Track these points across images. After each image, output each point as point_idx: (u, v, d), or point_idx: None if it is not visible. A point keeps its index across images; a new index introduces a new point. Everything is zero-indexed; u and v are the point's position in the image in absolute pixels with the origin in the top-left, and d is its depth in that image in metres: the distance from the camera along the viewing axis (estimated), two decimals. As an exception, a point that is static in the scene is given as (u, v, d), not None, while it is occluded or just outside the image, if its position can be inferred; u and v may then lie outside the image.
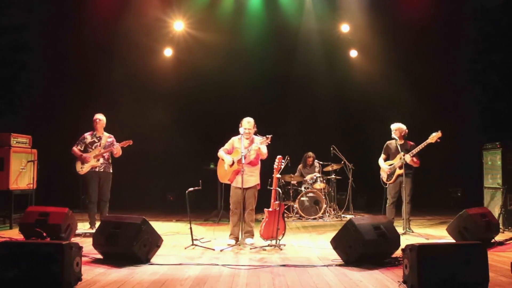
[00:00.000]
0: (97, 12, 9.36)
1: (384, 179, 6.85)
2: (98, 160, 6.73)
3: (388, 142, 6.94)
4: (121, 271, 4.27)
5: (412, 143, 6.67)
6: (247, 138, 5.80)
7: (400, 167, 6.52)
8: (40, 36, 9.24)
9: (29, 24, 9.02)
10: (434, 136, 6.29)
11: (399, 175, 6.60)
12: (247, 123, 5.82)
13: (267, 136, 5.58)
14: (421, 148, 6.40)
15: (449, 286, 3.50)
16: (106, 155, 6.79)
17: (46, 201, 6.53)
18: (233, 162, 5.74)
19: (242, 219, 5.72)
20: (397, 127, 6.75)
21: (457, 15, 9.52)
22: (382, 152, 6.96)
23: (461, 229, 5.47)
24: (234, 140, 5.96)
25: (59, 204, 5.71)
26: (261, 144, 5.60)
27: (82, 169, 6.69)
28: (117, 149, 6.76)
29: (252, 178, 5.79)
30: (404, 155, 6.44)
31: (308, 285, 3.84)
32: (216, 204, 8.56)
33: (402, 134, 6.73)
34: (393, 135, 6.74)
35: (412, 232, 6.53)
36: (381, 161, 6.92)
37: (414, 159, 6.46)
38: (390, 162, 6.82)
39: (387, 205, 6.79)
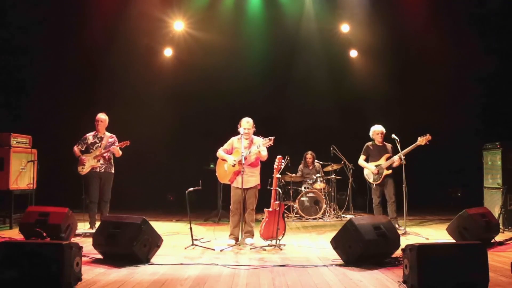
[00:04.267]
0: (97, 12, 9.35)
1: (371, 180, 6.94)
2: (98, 160, 6.71)
3: (368, 143, 7.10)
4: (121, 271, 4.27)
5: (390, 145, 6.89)
6: (246, 139, 5.80)
7: (388, 168, 6.66)
8: (41, 35, 9.23)
9: (29, 23, 9.02)
10: (423, 139, 6.49)
11: (386, 176, 6.76)
12: (246, 123, 5.81)
13: (270, 138, 5.56)
14: (410, 150, 6.57)
15: (449, 286, 3.50)
16: (106, 155, 6.78)
17: (46, 201, 6.53)
18: (235, 163, 5.73)
19: (243, 219, 5.72)
20: (379, 130, 6.92)
21: (458, 15, 9.52)
22: (362, 153, 7.07)
23: (461, 229, 5.47)
24: (233, 140, 5.95)
25: (59, 204, 5.70)
26: (263, 146, 5.59)
27: (83, 169, 6.69)
28: (115, 150, 6.73)
29: (252, 178, 5.79)
30: (402, 157, 6.50)
31: (308, 285, 3.84)
32: (216, 204, 8.56)
33: (382, 136, 6.89)
34: (373, 137, 6.94)
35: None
36: (363, 162, 7.02)
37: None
38: (374, 163, 6.94)
39: (374, 205, 6.95)
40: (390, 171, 6.71)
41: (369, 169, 6.92)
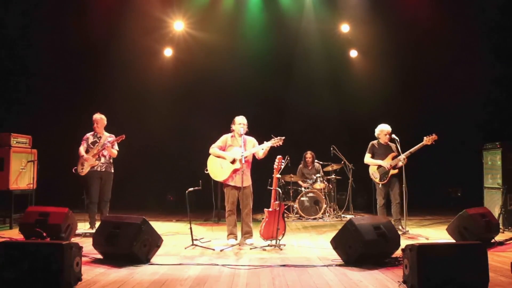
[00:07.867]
0: (97, 12, 9.35)
1: (377, 180, 6.74)
2: (97, 159, 6.69)
3: (373, 142, 6.91)
4: (121, 271, 4.27)
5: (394, 144, 6.70)
6: (240, 135, 5.79)
7: (394, 168, 6.56)
8: (40, 36, 9.23)
9: (29, 23, 9.03)
10: (429, 139, 6.38)
11: (393, 175, 6.62)
12: (243, 119, 5.83)
13: (280, 137, 5.57)
14: (416, 149, 6.46)
15: (449, 286, 3.50)
16: (107, 155, 6.77)
17: (46, 201, 6.53)
18: (234, 160, 5.72)
19: (241, 220, 5.72)
20: (386, 130, 6.76)
21: (458, 14, 9.51)
22: (367, 151, 6.87)
23: (461, 229, 5.47)
24: (227, 138, 5.90)
25: (59, 204, 5.70)
26: (272, 145, 5.59)
27: (82, 170, 6.68)
28: (109, 150, 6.66)
29: (248, 177, 5.79)
30: (405, 157, 6.45)
31: (308, 285, 3.84)
32: (216, 204, 8.54)
33: (387, 135, 6.74)
34: (379, 136, 6.79)
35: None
36: (371, 159, 6.79)
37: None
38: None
39: (378, 206, 6.73)
40: (396, 171, 6.53)
41: (382, 164, 6.64)
